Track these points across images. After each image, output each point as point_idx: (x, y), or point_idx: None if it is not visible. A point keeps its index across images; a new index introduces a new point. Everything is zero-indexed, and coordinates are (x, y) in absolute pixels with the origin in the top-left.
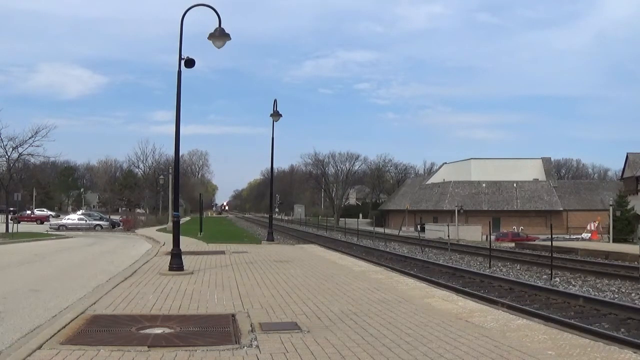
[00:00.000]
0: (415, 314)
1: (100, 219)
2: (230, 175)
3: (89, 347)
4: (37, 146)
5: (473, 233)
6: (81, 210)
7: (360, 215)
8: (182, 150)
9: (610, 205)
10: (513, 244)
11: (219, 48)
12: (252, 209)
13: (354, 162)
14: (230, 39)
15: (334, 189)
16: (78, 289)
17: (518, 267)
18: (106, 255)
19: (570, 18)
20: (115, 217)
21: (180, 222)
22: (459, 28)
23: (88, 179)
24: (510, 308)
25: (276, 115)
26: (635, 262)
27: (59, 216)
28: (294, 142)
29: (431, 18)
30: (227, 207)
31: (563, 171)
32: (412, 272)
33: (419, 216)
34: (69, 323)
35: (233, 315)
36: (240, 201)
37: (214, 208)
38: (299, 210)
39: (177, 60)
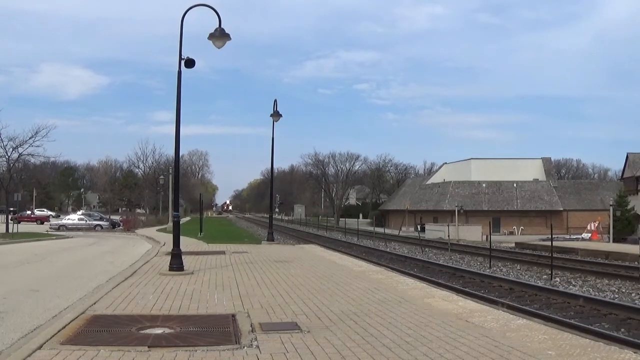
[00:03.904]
0: (416, 314)
1: (101, 219)
2: (230, 175)
3: (89, 347)
4: (37, 146)
5: (473, 233)
6: (81, 211)
7: (361, 216)
8: (182, 151)
9: (611, 205)
10: (513, 244)
11: (219, 48)
12: (252, 209)
13: (354, 162)
14: (230, 39)
15: (334, 189)
16: (78, 289)
17: (518, 267)
18: (106, 256)
19: (570, 18)
20: (116, 217)
21: (180, 222)
22: (459, 29)
23: (88, 179)
24: (511, 308)
25: (276, 115)
26: (636, 262)
27: (59, 216)
28: (294, 142)
29: (431, 18)
30: (230, 207)
31: (563, 171)
32: (412, 272)
33: (419, 216)
34: (69, 323)
35: (233, 316)
36: (240, 201)
37: (214, 208)
38: (299, 211)
39: (177, 61)
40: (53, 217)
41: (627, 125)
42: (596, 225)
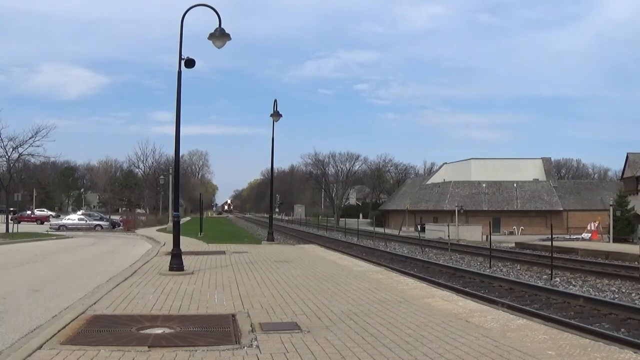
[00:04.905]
0: (416, 314)
1: (101, 219)
2: (230, 175)
3: (89, 347)
4: (38, 146)
5: (473, 233)
6: (81, 211)
7: (361, 215)
8: (182, 151)
9: (611, 205)
10: (513, 244)
11: (219, 48)
12: (252, 209)
13: (354, 162)
14: (230, 39)
15: (334, 189)
16: (78, 289)
17: (518, 267)
18: (106, 256)
19: (570, 19)
20: (116, 217)
21: (180, 222)
22: (459, 28)
23: (88, 179)
24: (511, 308)
25: (276, 115)
26: (636, 262)
27: (59, 216)
28: (294, 142)
29: (432, 18)
30: (231, 207)
31: (563, 171)
32: (412, 272)
33: (419, 216)
34: (69, 323)
35: (233, 316)
36: (241, 201)
37: (214, 208)
38: (299, 210)
39: (177, 61)
40: (53, 217)
41: (627, 125)
42: (596, 225)
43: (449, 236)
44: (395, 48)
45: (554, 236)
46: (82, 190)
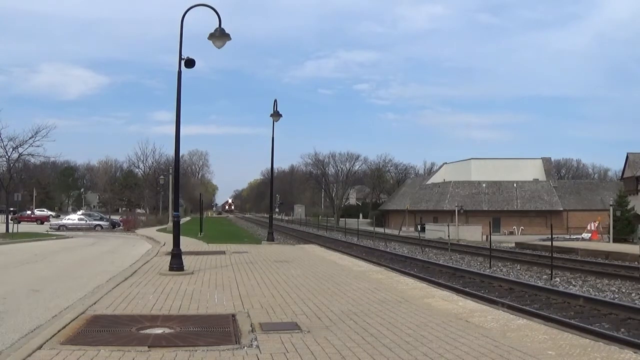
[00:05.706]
0: (416, 314)
1: (101, 219)
2: (230, 175)
3: (89, 347)
4: (37, 146)
5: (473, 233)
6: (81, 211)
7: (361, 215)
8: (182, 151)
9: (611, 205)
10: (513, 244)
11: (219, 48)
12: (252, 209)
13: (354, 162)
14: (230, 39)
15: (334, 189)
16: (78, 289)
17: (518, 267)
18: (106, 256)
19: (570, 19)
20: (116, 217)
21: (180, 222)
22: (459, 28)
23: (88, 179)
24: (511, 308)
25: (276, 115)
26: (636, 262)
27: (59, 216)
28: (294, 142)
29: (432, 18)
30: (232, 207)
31: (563, 171)
32: (412, 272)
33: (419, 216)
34: (69, 323)
35: (233, 316)
36: (241, 201)
37: (214, 208)
38: (299, 210)
39: (177, 61)
40: (53, 217)
41: (627, 125)
42: (596, 225)
43: (449, 236)
44: (395, 48)
45: (553, 236)
46: (82, 190)
